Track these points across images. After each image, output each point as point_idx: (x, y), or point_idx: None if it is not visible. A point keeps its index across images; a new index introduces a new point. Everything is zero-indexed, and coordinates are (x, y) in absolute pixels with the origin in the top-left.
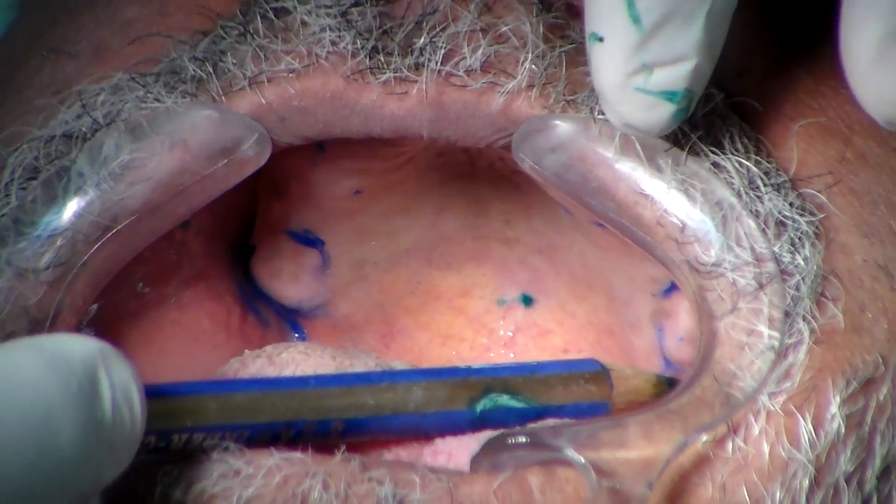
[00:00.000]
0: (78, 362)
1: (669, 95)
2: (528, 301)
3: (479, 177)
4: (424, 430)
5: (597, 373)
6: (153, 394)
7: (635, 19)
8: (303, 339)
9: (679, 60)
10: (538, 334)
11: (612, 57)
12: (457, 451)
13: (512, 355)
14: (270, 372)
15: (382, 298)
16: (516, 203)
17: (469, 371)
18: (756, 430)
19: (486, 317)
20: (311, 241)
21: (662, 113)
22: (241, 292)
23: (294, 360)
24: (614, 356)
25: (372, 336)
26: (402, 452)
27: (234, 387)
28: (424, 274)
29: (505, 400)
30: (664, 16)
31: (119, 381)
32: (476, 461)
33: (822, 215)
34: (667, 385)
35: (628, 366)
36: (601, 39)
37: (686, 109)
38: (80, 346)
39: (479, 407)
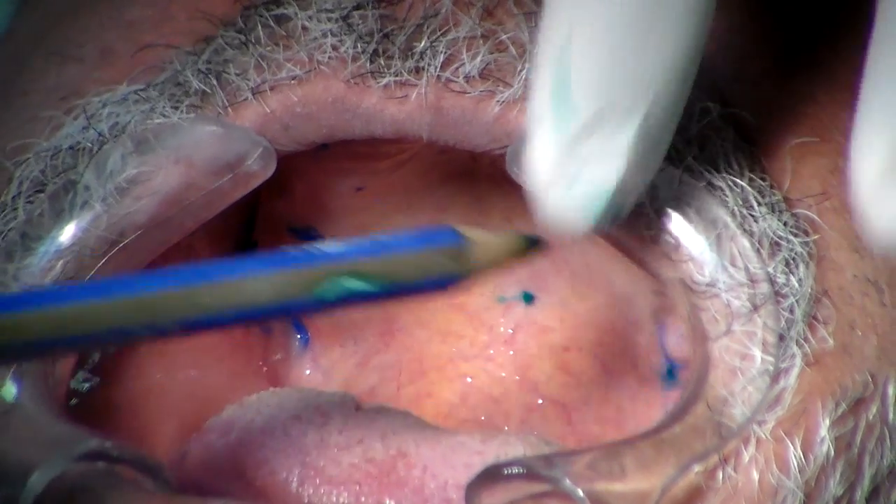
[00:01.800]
0: None
1: (599, 195)
2: (528, 298)
3: (481, 174)
4: (265, 318)
5: (452, 243)
6: None
7: (567, 117)
8: (305, 338)
9: (611, 160)
10: (539, 332)
11: (542, 154)
12: (431, 463)
13: (512, 353)
14: (242, 414)
15: None
16: (518, 200)
17: (311, 256)
18: (746, 457)
19: (487, 314)
20: (313, 238)
21: (591, 212)
22: None
23: (260, 397)
24: (616, 353)
25: (372, 334)
26: (371, 468)
27: (57, 297)
28: None
29: (350, 282)
30: (597, 114)
31: None
32: (472, 491)
33: (816, 236)
34: (534, 244)
35: (629, 363)
36: (533, 136)
37: (617, 211)
38: None
39: (320, 290)
